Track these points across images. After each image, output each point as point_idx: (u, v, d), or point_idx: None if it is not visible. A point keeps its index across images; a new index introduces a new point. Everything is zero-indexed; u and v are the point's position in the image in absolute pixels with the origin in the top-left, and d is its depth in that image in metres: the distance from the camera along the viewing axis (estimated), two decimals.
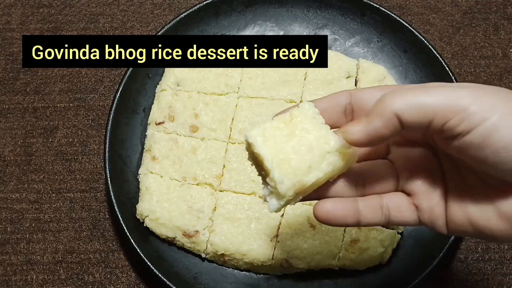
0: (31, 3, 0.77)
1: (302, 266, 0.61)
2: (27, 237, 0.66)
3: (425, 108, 0.36)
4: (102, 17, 0.77)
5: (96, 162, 0.69)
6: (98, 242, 0.66)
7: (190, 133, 0.65)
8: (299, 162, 0.39)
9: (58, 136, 0.71)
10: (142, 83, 0.69)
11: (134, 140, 0.67)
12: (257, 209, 0.62)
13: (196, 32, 0.71)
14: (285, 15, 0.73)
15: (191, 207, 0.62)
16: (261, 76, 0.67)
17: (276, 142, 0.39)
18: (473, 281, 0.64)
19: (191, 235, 0.62)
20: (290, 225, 0.62)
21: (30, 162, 0.69)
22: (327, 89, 0.67)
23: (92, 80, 0.73)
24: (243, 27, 0.72)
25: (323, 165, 0.40)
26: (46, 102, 0.72)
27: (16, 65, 0.74)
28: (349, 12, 0.72)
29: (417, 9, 0.77)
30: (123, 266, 0.65)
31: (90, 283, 0.65)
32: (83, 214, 0.67)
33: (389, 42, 0.71)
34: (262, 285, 0.62)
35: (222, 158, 0.64)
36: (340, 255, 0.61)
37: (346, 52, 0.71)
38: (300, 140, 0.40)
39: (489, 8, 0.77)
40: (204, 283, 0.62)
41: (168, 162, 0.64)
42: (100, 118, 0.72)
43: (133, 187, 0.65)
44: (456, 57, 0.74)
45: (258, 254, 0.61)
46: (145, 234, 0.63)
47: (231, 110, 0.66)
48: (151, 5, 0.77)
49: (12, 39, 0.75)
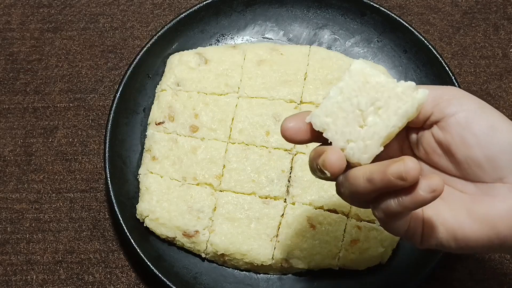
0: (31, 3, 0.77)
1: (302, 266, 0.61)
2: (27, 237, 0.66)
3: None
4: (102, 17, 0.77)
5: (96, 162, 0.69)
6: (98, 242, 0.66)
7: (190, 133, 0.65)
8: None
9: (58, 136, 0.71)
10: (142, 83, 0.69)
11: (134, 140, 0.67)
12: (257, 209, 0.62)
13: (196, 32, 0.71)
14: (285, 15, 0.73)
15: (191, 207, 0.62)
16: (261, 76, 0.67)
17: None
18: (473, 281, 0.64)
19: (191, 235, 0.62)
20: (290, 225, 0.62)
21: (30, 162, 0.69)
22: (327, 89, 0.67)
23: (92, 80, 0.73)
24: (243, 27, 0.72)
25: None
26: (46, 102, 0.72)
27: (16, 65, 0.74)
28: (349, 12, 0.72)
29: (417, 9, 0.77)
30: (123, 266, 0.65)
31: (90, 283, 0.65)
32: (83, 214, 0.67)
33: (389, 42, 0.71)
34: (262, 285, 0.62)
35: (222, 158, 0.64)
36: (340, 255, 0.61)
37: (346, 52, 0.71)
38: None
39: (489, 8, 0.77)
40: (204, 283, 0.62)
41: (168, 162, 0.64)
42: (100, 118, 0.72)
43: (133, 187, 0.65)
44: (456, 57, 0.74)
45: (258, 254, 0.61)
46: (145, 234, 0.63)
47: (231, 110, 0.66)
48: (151, 5, 0.77)
49: (12, 39, 0.75)
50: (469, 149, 0.41)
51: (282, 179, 0.63)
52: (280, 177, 0.63)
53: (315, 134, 0.43)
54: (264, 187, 0.63)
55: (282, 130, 0.44)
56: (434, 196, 0.38)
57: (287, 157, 0.64)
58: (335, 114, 0.41)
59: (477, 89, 0.73)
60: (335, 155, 0.40)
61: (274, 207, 0.62)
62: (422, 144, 0.44)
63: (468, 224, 0.40)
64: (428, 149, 0.44)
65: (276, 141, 0.65)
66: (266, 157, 0.64)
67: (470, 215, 0.40)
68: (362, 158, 0.40)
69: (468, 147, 0.41)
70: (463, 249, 0.41)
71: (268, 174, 0.63)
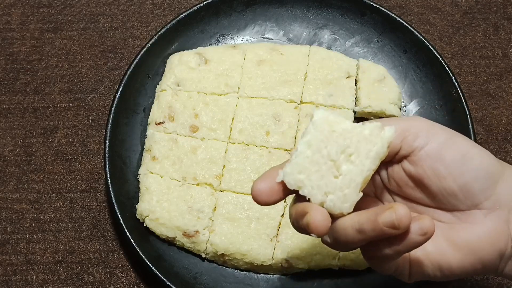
0: (31, 3, 0.77)
1: (302, 266, 0.61)
2: (27, 237, 0.66)
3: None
4: (102, 17, 0.77)
5: (96, 162, 0.69)
6: (98, 242, 0.66)
7: (190, 133, 0.65)
8: None
9: (58, 136, 0.71)
10: (142, 83, 0.69)
11: (134, 140, 0.67)
12: (257, 209, 0.62)
13: (196, 32, 0.71)
14: (285, 15, 0.73)
15: (191, 207, 0.62)
16: (261, 76, 0.67)
17: None
18: (473, 281, 0.64)
19: (191, 235, 0.62)
20: (290, 225, 0.61)
21: (30, 162, 0.69)
22: (327, 89, 0.67)
23: (92, 80, 0.73)
24: (243, 27, 0.72)
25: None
26: (46, 102, 0.72)
27: (16, 65, 0.74)
28: (349, 12, 0.72)
29: (417, 9, 0.77)
30: (123, 266, 0.65)
31: (90, 283, 0.65)
32: (83, 214, 0.67)
33: (389, 42, 0.71)
34: (262, 285, 0.62)
35: (222, 158, 0.64)
36: (340, 255, 0.61)
37: (346, 52, 0.71)
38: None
39: (489, 8, 0.77)
40: (204, 283, 0.62)
41: (168, 162, 0.64)
42: (100, 118, 0.72)
43: (133, 187, 0.65)
44: (456, 57, 0.74)
45: (258, 254, 0.61)
46: (145, 234, 0.63)
47: (231, 110, 0.66)
48: (151, 5, 0.77)
49: (12, 39, 0.75)
50: (443, 181, 0.41)
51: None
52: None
53: (288, 191, 0.42)
54: None
55: (254, 195, 0.41)
56: (427, 238, 0.38)
57: (287, 157, 0.64)
58: (308, 169, 0.40)
59: (477, 89, 0.73)
60: (320, 216, 0.39)
61: (274, 207, 0.62)
62: (393, 178, 0.44)
63: (451, 253, 0.41)
64: (400, 183, 0.44)
65: (276, 141, 0.65)
66: (266, 157, 0.64)
67: (451, 245, 0.41)
68: (343, 207, 0.40)
69: (441, 178, 0.41)
70: (448, 277, 0.42)
71: None
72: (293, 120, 0.66)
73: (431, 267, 0.41)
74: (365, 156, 0.39)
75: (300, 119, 0.66)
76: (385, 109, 0.66)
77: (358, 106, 0.66)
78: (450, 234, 0.41)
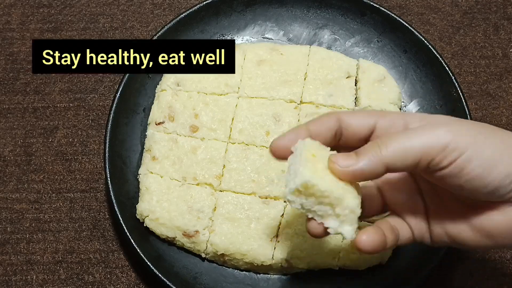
0: (31, 3, 0.77)
1: (302, 266, 0.61)
2: (27, 237, 0.66)
3: (410, 154, 0.40)
4: (102, 17, 0.77)
5: (96, 162, 0.69)
6: (98, 242, 0.66)
7: (190, 133, 0.65)
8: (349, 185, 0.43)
9: (58, 136, 0.71)
10: (142, 83, 0.69)
11: (134, 140, 0.67)
12: (257, 209, 0.62)
13: (196, 32, 0.71)
14: (285, 15, 0.73)
15: (191, 207, 0.62)
16: (261, 76, 0.67)
17: (323, 177, 0.42)
18: (473, 281, 0.64)
19: (191, 235, 0.62)
20: (290, 225, 0.62)
21: (30, 162, 0.69)
22: (327, 89, 0.67)
23: (92, 80, 0.73)
24: (243, 27, 0.72)
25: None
26: (46, 102, 0.72)
27: (16, 65, 0.74)
28: (349, 12, 0.72)
29: (417, 9, 0.77)
30: (123, 266, 0.65)
31: (90, 283, 0.65)
32: (83, 214, 0.67)
33: (389, 42, 0.71)
34: (262, 285, 0.62)
35: (222, 158, 0.64)
36: (340, 255, 0.61)
37: (346, 52, 0.71)
38: None
39: (489, 8, 0.77)
40: (204, 283, 0.62)
41: (168, 162, 0.64)
42: (100, 118, 0.72)
43: (133, 187, 0.65)
44: (456, 57, 0.74)
45: (258, 254, 0.61)
46: (145, 234, 0.63)
47: (231, 110, 0.66)
48: (151, 5, 0.77)
49: (12, 39, 0.75)
50: (473, 182, 0.41)
51: (282, 179, 0.63)
52: (280, 177, 0.63)
53: None
54: (264, 187, 0.63)
55: (271, 150, 0.47)
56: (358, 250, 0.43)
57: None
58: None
59: (477, 89, 0.73)
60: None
61: (274, 207, 0.62)
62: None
63: (468, 234, 0.44)
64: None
65: None
66: (266, 157, 0.64)
67: (470, 227, 0.44)
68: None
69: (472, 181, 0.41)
70: (464, 248, 0.45)
71: (268, 174, 0.63)
72: (293, 120, 0.66)
73: (449, 240, 0.45)
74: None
75: (300, 119, 0.66)
76: (385, 109, 0.66)
77: (358, 106, 0.66)
78: (472, 218, 0.43)
